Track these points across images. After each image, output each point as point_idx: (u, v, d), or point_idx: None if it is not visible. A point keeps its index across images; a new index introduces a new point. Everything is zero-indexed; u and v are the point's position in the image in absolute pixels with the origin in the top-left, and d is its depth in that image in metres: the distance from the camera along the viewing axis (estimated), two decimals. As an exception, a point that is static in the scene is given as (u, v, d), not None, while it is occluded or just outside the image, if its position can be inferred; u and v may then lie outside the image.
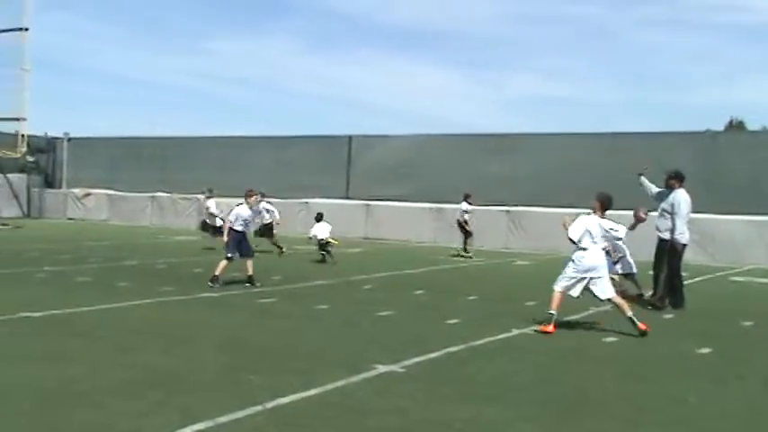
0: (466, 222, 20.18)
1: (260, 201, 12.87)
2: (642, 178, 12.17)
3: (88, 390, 5.98)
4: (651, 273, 11.92)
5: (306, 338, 8.44)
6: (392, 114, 63.12)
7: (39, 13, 35.52)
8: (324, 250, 17.43)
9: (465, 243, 20.14)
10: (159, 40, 75.27)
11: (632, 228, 9.56)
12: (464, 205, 20.33)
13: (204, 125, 69.90)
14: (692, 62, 69.72)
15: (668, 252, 11.42)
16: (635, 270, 12.34)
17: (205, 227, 20.11)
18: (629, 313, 9.10)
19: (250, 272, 12.48)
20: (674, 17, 67.04)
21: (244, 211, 12.61)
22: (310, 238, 17.63)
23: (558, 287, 9.20)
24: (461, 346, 8.08)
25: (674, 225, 11.32)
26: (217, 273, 12.13)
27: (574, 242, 9.15)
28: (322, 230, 17.61)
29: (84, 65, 73.92)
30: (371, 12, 74.90)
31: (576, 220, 9.23)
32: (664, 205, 11.52)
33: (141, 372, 6.63)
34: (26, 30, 31.35)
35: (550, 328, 8.96)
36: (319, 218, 18.01)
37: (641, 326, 8.94)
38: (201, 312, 10.03)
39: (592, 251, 9.14)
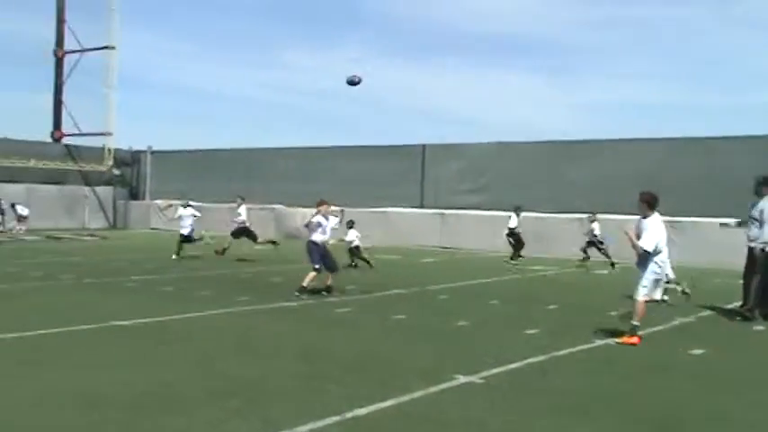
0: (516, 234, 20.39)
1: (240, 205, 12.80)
2: (728, 221, 11.87)
3: (174, 396, 6.12)
4: (741, 282, 11.45)
5: (383, 348, 8.44)
6: (467, 122, 62.85)
7: (124, 31, 37.23)
8: (356, 256, 17.91)
9: (517, 252, 20.29)
10: (236, 54, 77.14)
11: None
12: (515, 218, 20.43)
13: (281, 136, 71.15)
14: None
15: (759, 261, 10.93)
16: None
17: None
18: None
19: (330, 281, 12.59)
20: (758, 16, 64.44)
21: (316, 221, 12.72)
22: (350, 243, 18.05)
23: (641, 296, 8.91)
24: (542, 357, 7.93)
25: (763, 233, 10.84)
26: (304, 284, 12.25)
27: (648, 252, 8.83)
28: (355, 236, 18.15)
29: (165, 80, 76.47)
30: (444, 19, 74.80)
31: (651, 230, 8.87)
32: (753, 213, 11.05)
33: (223, 379, 6.76)
34: (113, 48, 32.66)
35: (635, 339, 8.69)
36: (351, 224, 18.26)
37: (628, 339, 8.68)
38: (280, 321, 10.17)
39: (666, 250, 9.01)
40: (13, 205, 28.28)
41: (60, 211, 31.84)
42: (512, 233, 20.33)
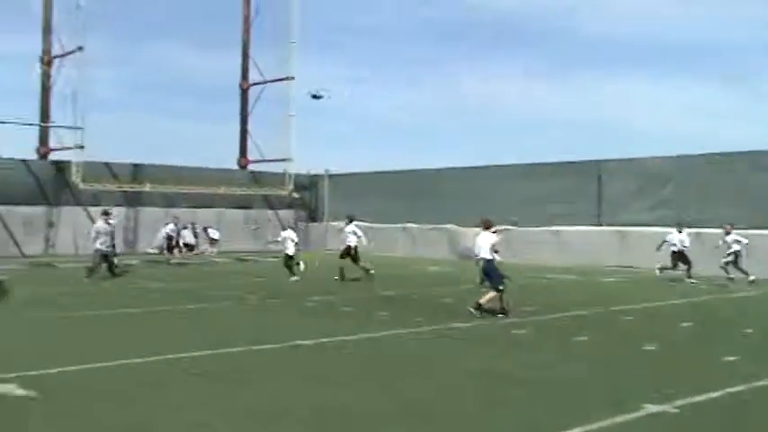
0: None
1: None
2: None
3: (355, 416, 6.21)
4: None
5: (563, 373, 8.12)
6: (642, 136, 59.84)
7: (305, 62, 38.90)
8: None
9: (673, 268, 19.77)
10: (406, 77, 78.51)
11: None
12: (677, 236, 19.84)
13: (451, 157, 71.30)
14: None
15: None
16: None
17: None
18: None
19: (503, 303, 12.39)
20: None
21: (493, 240, 12.64)
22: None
23: None
24: (742, 387, 7.27)
25: None
26: (481, 301, 12.21)
27: None
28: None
29: (340, 105, 79.34)
30: (609, 31, 71.98)
31: None
32: None
33: (401, 399, 6.78)
34: (292, 78, 34.40)
35: None
36: None
37: None
38: (455, 343, 10.10)
39: None
40: (205, 229, 30.42)
41: (247, 234, 33.77)
42: (675, 252, 19.57)
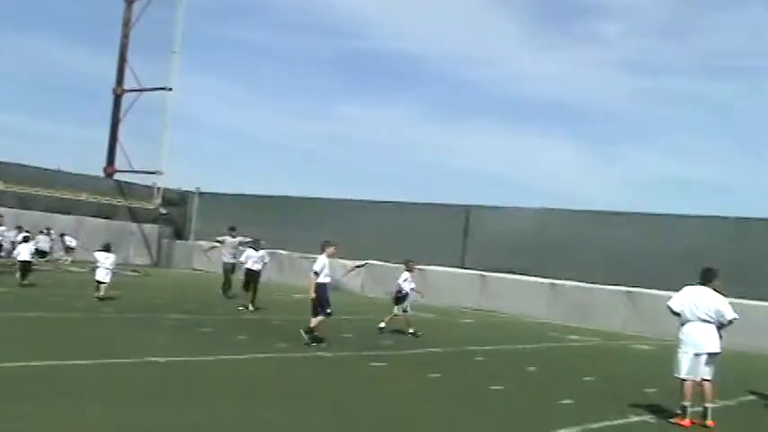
0: None
1: None
2: None
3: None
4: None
5: (417, 408, 8.38)
6: (511, 186, 62.81)
7: (182, 74, 37.68)
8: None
9: None
10: (288, 103, 78.46)
11: None
12: None
13: (325, 186, 71.59)
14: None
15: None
16: None
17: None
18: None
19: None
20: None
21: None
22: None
23: (682, 375, 8.57)
24: (576, 428, 7.78)
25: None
26: (312, 325, 12.37)
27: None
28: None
29: (217, 124, 78.06)
30: (495, 84, 75.33)
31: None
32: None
33: (255, 422, 6.79)
34: (170, 90, 33.61)
35: (686, 421, 8.28)
36: None
37: (710, 423, 8.31)
38: (313, 371, 10.18)
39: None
40: (62, 236, 28.94)
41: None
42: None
